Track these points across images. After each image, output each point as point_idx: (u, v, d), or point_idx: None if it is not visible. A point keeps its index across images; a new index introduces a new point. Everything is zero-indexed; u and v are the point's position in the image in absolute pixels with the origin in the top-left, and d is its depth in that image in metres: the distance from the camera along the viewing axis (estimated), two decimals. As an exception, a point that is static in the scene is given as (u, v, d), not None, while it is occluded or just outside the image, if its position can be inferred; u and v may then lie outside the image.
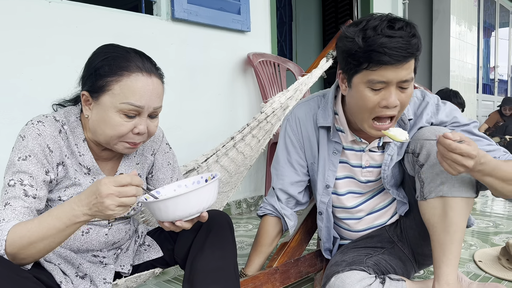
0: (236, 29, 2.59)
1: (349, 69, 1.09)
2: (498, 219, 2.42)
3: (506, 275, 1.56)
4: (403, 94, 1.08)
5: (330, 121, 1.25)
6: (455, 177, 1.09)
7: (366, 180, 1.30)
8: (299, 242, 1.50)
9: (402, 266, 1.32)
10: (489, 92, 7.84)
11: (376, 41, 1.01)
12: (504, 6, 8.13)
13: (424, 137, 1.14)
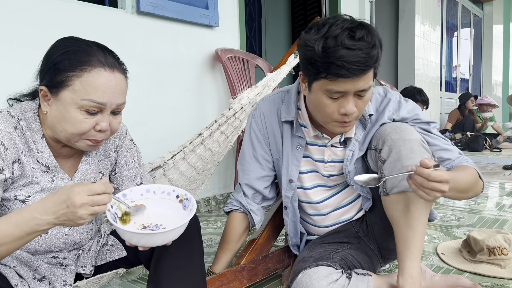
0: (204, 24, 2.56)
1: (309, 75, 1.10)
2: (460, 213, 2.51)
3: (467, 267, 1.61)
4: (360, 101, 1.09)
5: (293, 116, 1.25)
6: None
7: (329, 174, 1.31)
8: (267, 239, 1.49)
9: (368, 260, 1.34)
10: (452, 90, 8.11)
11: (335, 53, 1.00)
12: (466, 7, 8.42)
13: (387, 134, 1.16)
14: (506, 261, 1.57)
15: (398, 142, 1.13)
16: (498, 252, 1.58)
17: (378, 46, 1.03)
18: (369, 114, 1.22)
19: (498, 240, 1.61)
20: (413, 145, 1.13)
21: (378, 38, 1.04)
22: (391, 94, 1.26)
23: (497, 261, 1.58)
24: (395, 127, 1.17)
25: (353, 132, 1.23)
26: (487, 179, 3.78)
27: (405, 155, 1.12)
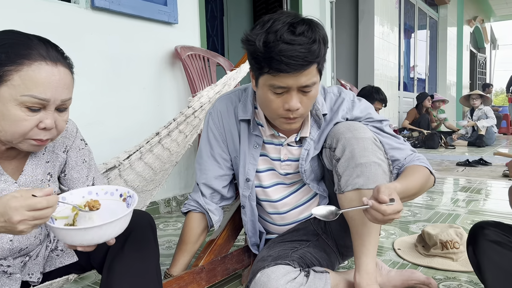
0: (163, 20, 2.50)
1: (254, 71, 1.10)
2: (417, 209, 2.59)
3: (422, 261, 1.66)
4: (305, 97, 1.09)
5: (250, 114, 1.25)
6: (370, 170, 1.13)
7: (285, 172, 1.31)
8: (226, 239, 1.47)
9: (326, 258, 1.35)
10: (409, 90, 8.38)
11: (275, 48, 1.00)
12: (422, 9, 8.73)
13: (340, 133, 1.18)
14: (457, 254, 1.63)
15: (352, 141, 1.15)
16: (450, 246, 1.64)
17: (319, 42, 1.03)
18: (323, 114, 1.23)
19: (450, 235, 1.67)
20: (366, 143, 1.15)
21: (321, 34, 1.04)
22: (345, 94, 1.27)
23: (450, 255, 1.63)
24: (349, 126, 1.18)
25: (308, 131, 1.24)
26: (442, 175, 3.93)
27: (358, 153, 1.14)
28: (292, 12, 1.07)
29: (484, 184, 3.41)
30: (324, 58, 1.08)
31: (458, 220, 2.29)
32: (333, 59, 4.49)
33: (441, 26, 9.71)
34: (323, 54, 1.06)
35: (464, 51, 10.87)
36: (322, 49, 1.04)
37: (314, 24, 1.04)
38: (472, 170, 4.22)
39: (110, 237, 0.88)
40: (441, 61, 9.79)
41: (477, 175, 3.89)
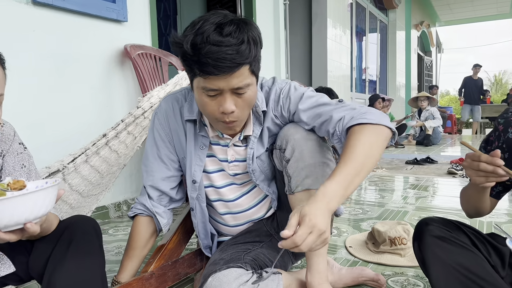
0: (111, 18, 2.41)
1: (187, 73, 1.07)
2: (367, 206, 2.65)
3: (372, 258, 1.69)
4: (240, 100, 1.06)
5: (196, 114, 1.22)
6: (319, 170, 1.14)
7: (234, 173, 1.29)
8: (178, 243, 1.44)
9: (280, 258, 1.34)
10: (362, 91, 8.63)
11: (202, 50, 0.97)
12: (373, 13, 9.02)
13: (290, 134, 1.16)
14: (405, 250, 1.68)
15: (300, 142, 1.15)
16: (398, 242, 1.69)
17: (249, 43, 1.00)
18: (262, 110, 1.20)
19: (398, 231, 1.72)
20: (314, 144, 1.15)
21: (251, 35, 1.01)
22: (275, 85, 1.23)
23: (398, 251, 1.68)
24: (297, 126, 1.18)
25: (251, 130, 1.22)
26: (392, 173, 4.07)
27: (307, 154, 1.14)
28: (224, 12, 1.04)
29: (430, 182, 3.56)
30: (256, 59, 1.05)
31: (406, 216, 2.37)
32: (287, 60, 4.53)
33: (391, 30, 10.09)
34: (254, 55, 1.03)
35: (412, 54, 11.36)
36: (252, 50, 1.01)
37: (243, 24, 1.01)
38: (419, 168, 4.40)
39: (33, 215, 0.78)
40: (391, 64, 10.17)
41: (424, 173, 4.06)
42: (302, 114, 1.16)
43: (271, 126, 1.23)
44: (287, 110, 1.20)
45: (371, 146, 1.00)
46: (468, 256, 1.03)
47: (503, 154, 1.09)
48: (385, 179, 3.72)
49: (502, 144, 1.10)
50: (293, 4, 5.90)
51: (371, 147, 1.00)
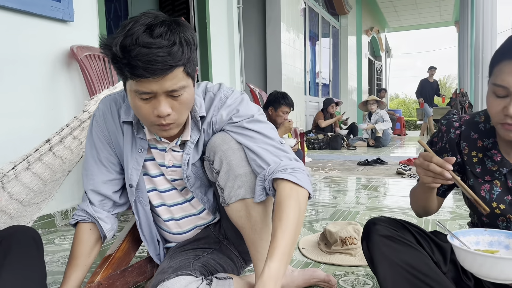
0: (56, 18, 2.31)
1: (120, 76, 1.03)
2: (320, 207, 2.70)
3: (324, 259, 1.72)
4: (176, 102, 1.03)
5: (132, 116, 1.17)
6: (250, 179, 1.12)
7: (172, 179, 1.26)
8: (126, 251, 1.39)
9: (231, 263, 1.33)
10: (315, 94, 8.82)
11: (132, 52, 0.93)
12: (325, 18, 9.25)
13: (217, 145, 1.13)
14: (355, 249, 1.72)
15: (228, 152, 1.12)
16: (349, 242, 1.73)
17: (182, 44, 0.97)
18: (201, 116, 1.17)
19: (349, 231, 1.76)
20: (242, 153, 1.13)
21: (183, 36, 0.98)
22: (220, 91, 1.20)
23: (349, 251, 1.72)
24: (224, 137, 1.15)
25: (189, 135, 1.18)
26: (344, 174, 4.17)
27: (236, 164, 1.12)
28: (156, 13, 1.00)
29: (380, 182, 3.69)
30: (191, 61, 1.02)
31: (357, 216, 2.44)
32: (242, 63, 4.54)
33: (342, 35, 10.39)
34: (188, 56, 1.00)
35: (363, 58, 11.76)
36: (185, 52, 0.98)
37: (175, 25, 0.98)
38: (370, 169, 4.54)
39: None
40: (343, 68, 10.47)
41: (375, 173, 4.20)
42: (242, 131, 1.14)
43: (210, 132, 1.20)
44: (228, 119, 1.16)
45: (300, 214, 1.02)
46: (413, 254, 1.07)
47: (447, 154, 1.15)
48: (338, 180, 3.81)
49: (445, 144, 1.15)
50: (247, 7, 5.93)
51: (300, 215, 1.03)
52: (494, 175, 1.06)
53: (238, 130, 1.14)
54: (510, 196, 1.03)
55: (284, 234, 0.97)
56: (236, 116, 1.15)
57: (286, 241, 0.97)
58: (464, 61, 9.48)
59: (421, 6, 12.53)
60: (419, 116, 11.28)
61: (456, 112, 1.21)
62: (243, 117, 1.15)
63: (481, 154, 1.09)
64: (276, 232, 0.98)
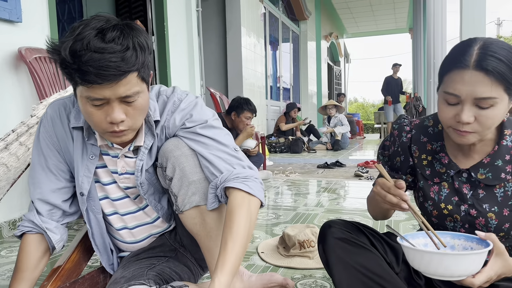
0: (2, 18, 2.19)
1: (70, 82, 0.99)
2: (280, 211, 2.71)
3: (282, 262, 1.72)
4: (130, 108, 1.01)
5: (82, 121, 1.13)
6: (204, 186, 1.11)
7: (125, 186, 1.22)
8: (77, 262, 1.33)
9: (188, 271, 1.30)
10: (276, 99, 8.90)
11: (82, 57, 0.90)
12: (285, 23, 9.37)
13: (169, 152, 1.11)
14: (313, 252, 1.73)
15: (181, 159, 1.10)
16: (307, 245, 1.74)
17: (136, 49, 0.95)
18: (155, 120, 1.14)
19: (307, 234, 1.77)
20: (195, 159, 1.11)
21: (137, 40, 0.96)
22: (174, 95, 1.17)
23: (307, 253, 1.73)
24: (177, 143, 1.12)
25: (142, 140, 1.15)
26: (305, 177, 4.22)
27: (189, 170, 1.10)
28: (107, 16, 0.97)
29: (339, 184, 3.76)
30: (145, 65, 1.00)
31: (316, 219, 2.46)
32: (202, 67, 4.51)
33: (302, 40, 10.56)
34: (142, 61, 0.97)
35: (322, 63, 12.00)
36: (139, 56, 0.96)
37: (128, 30, 0.95)
38: (329, 172, 4.62)
39: None
40: (303, 72, 10.63)
41: (334, 176, 4.27)
42: (195, 137, 1.12)
43: (163, 137, 1.17)
44: (181, 124, 1.14)
45: (251, 224, 1.02)
46: (367, 256, 1.09)
47: (399, 157, 1.17)
48: (298, 183, 3.85)
49: (398, 148, 1.18)
50: (207, 11, 5.90)
51: (251, 224, 1.02)
52: (442, 177, 1.09)
53: (191, 136, 1.12)
54: (457, 197, 1.07)
55: (235, 245, 0.96)
56: (190, 121, 1.13)
57: (236, 252, 0.96)
58: (418, 67, 9.87)
59: (377, 13, 12.96)
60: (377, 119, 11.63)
61: (407, 116, 1.24)
62: (196, 122, 1.13)
63: (430, 157, 1.13)
64: (226, 243, 0.97)
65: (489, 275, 0.88)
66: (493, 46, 0.92)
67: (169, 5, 3.86)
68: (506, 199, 1.01)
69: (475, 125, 0.95)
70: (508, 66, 0.91)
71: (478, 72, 0.91)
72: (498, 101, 0.92)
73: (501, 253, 0.89)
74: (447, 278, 0.88)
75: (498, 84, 0.91)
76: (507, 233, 1.02)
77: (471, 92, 0.92)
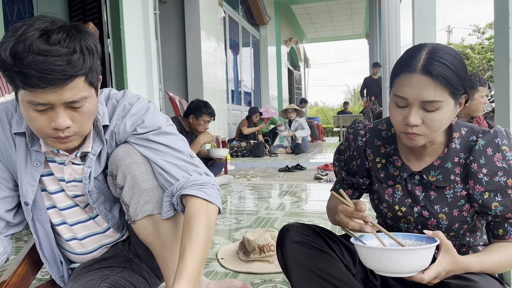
0: None
1: (11, 85, 0.94)
2: (241, 216, 2.69)
3: (242, 268, 1.71)
4: (76, 113, 0.96)
5: (25, 127, 1.07)
6: (157, 194, 1.08)
7: (74, 195, 1.16)
8: (24, 276, 1.25)
9: (143, 281, 1.26)
10: (238, 103, 8.90)
11: (24, 60, 0.85)
12: (245, 28, 9.40)
13: (119, 159, 1.07)
14: (273, 256, 1.73)
15: (132, 166, 1.06)
16: (267, 250, 1.73)
17: (83, 52, 0.91)
18: (104, 125, 1.10)
19: (266, 238, 1.77)
20: (147, 167, 1.08)
21: (85, 43, 0.92)
22: (124, 99, 1.13)
23: (267, 258, 1.73)
24: (128, 150, 1.09)
25: (90, 146, 1.10)
26: (266, 181, 4.23)
27: (141, 178, 1.07)
28: (53, 17, 0.93)
29: (299, 187, 3.79)
30: (94, 70, 0.96)
31: (277, 223, 2.47)
32: (160, 71, 4.43)
33: (262, 45, 10.63)
34: (90, 65, 0.93)
35: (282, 68, 12.13)
36: (87, 60, 0.92)
37: (75, 32, 0.92)
38: (290, 175, 4.66)
39: None
40: (263, 77, 10.70)
41: (295, 179, 4.31)
42: (148, 143, 1.08)
43: (113, 143, 1.13)
44: (132, 130, 1.10)
45: (210, 231, 1.00)
46: (324, 258, 1.09)
47: (356, 161, 1.19)
48: (259, 187, 3.85)
49: (353, 152, 1.19)
50: (165, 14, 5.82)
51: (210, 232, 1.00)
52: (396, 179, 1.12)
53: (144, 143, 1.08)
54: (410, 199, 1.09)
55: (194, 253, 0.94)
56: (141, 127, 1.09)
57: (195, 261, 0.93)
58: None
59: (335, 20, 13.28)
60: (336, 123, 11.87)
61: (361, 121, 1.27)
62: (148, 128, 1.09)
63: (384, 160, 1.15)
64: (185, 252, 0.94)
65: (438, 270, 0.90)
66: (440, 52, 0.96)
67: (125, 8, 3.77)
68: (456, 200, 1.04)
69: (423, 127, 0.98)
70: (453, 71, 0.94)
71: (425, 76, 0.94)
72: (444, 105, 0.95)
73: (449, 249, 0.92)
74: (397, 274, 0.90)
75: (442, 88, 0.94)
76: (457, 233, 1.06)
77: (418, 96, 0.95)
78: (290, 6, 11.89)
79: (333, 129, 13.26)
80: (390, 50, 5.94)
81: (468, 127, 1.07)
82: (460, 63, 0.96)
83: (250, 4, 9.68)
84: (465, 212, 1.04)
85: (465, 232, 1.07)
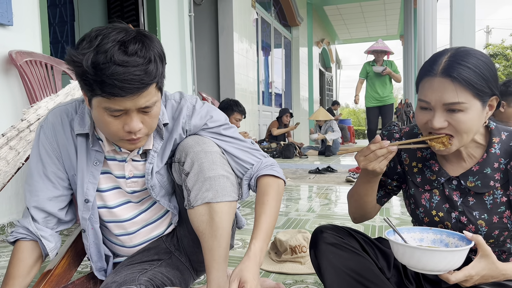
0: (-7, 21, 2.18)
1: (85, 91, 1.00)
2: (272, 216, 2.71)
3: (274, 268, 1.72)
4: (147, 117, 1.03)
5: (87, 128, 1.14)
6: (218, 183, 1.13)
7: (132, 190, 1.22)
8: (67, 267, 1.31)
9: (180, 276, 1.30)
10: (268, 104, 8.92)
11: (106, 70, 0.91)
12: (278, 29, 9.41)
13: (189, 147, 1.15)
14: (305, 258, 1.74)
15: (200, 155, 1.13)
16: (298, 251, 1.74)
17: (156, 61, 0.97)
18: (164, 123, 1.17)
19: (298, 240, 1.78)
20: (214, 156, 1.14)
21: (156, 52, 0.98)
22: (185, 100, 1.22)
23: (298, 259, 1.73)
24: (197, 139, 1.16)
25: (151, 144, 1.17)
26: (296, 182, 4.22)
27: (207, 167, 1.12)
28: (123, 26, 0.99)
29: (330, 190, 3.77)
30: (162, 76, 1.03)
31: (308, 224, 2.47)
32: (194, 72, 4.51)
33: (294, 46, 10.60)
34: (161, 72, 1.00)
35: (314, 69, 12.06)
36: (159, 68, 0.99)
37: (148, 41, 0.97)
38: (321, 177, 4.63)
39: None
40: (294, 78, 10.67)
41: (325, 181, 4.28)
42: (220, 137, 1.21)
43: (178, 139, 1.21)
44: (202, 124, 1.20)
45: (278, 200, 1.18)
46: (358, 261, 1.09)
47: (389, 164, 1.18)
48: (290, 189, 3.85)
49: None
50: (199, 16, 5.91)
51: (278, 201, 1.19)
52: (433, 184, 1.10)
53: (216, 137, 1.21)
54: (448, 204, 1.08)
55: (267, 218, 1.12)
56: (211, 122, 1.21)
57: (268, 224, 1.11)
58: (409, 73, 9.95)
59: (368, 20, 13.08)
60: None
61: (397, 123, 1.26)
62: (218, 123, 1.22)
63: (420, 164, 1.14)
64: (260, 216, 1.12)
65: (469, 273, 0.89)
66: (462, 54, 0.96)
67: (162, 10, 3.86)
68: (495, 206, 1.02)
69: (450, 130, 0.97)
70: (475, 72, 0.94)
71: (444, 79, 0.94)
72: (468, 106, 0.95)
73: (487, 255, 0.90)
74: (420, 270, 0.90)
75: (464, 90, 0.93)
76: (496, 240, 1.04)
77: (439, 98, 0.95)
78: (323, 7, 11.81)
79: (365, 131, 13.08)
80: (425, 52, 5.80)
81: (509, 131, 1.05)
82: (485, 64, 0.96)
83: (282, 5, 9.68)
84: (505, 218, 1.02)
85: (505, 239, 1.05)
